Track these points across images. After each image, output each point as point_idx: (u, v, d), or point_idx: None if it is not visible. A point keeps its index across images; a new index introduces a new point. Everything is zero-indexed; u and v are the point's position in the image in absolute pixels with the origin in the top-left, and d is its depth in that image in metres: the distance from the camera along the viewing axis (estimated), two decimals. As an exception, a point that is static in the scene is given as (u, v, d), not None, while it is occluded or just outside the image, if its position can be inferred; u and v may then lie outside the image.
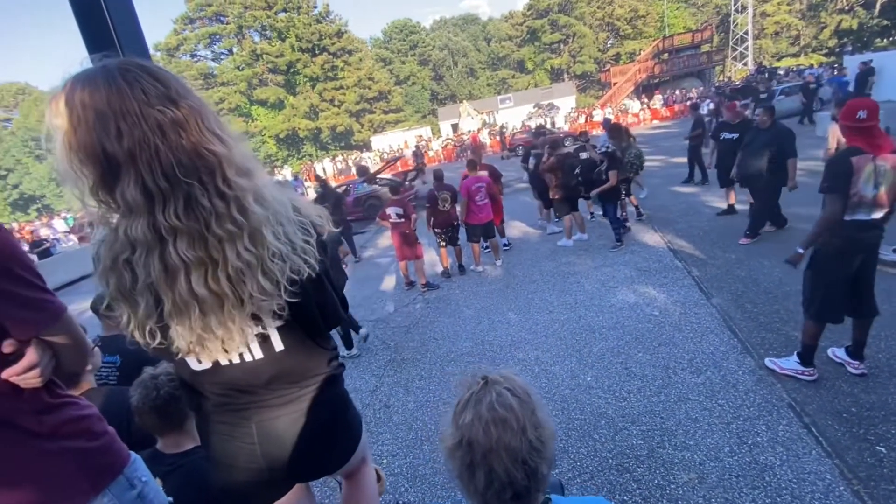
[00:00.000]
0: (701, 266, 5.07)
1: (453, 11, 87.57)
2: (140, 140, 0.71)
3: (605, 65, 46.79)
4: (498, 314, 4.93)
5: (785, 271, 4.36)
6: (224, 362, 0.92)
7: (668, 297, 4.50)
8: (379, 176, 13.50)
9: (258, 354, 0.94)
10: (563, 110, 31.82)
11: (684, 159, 9.44)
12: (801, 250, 2.86)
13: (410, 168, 16.28)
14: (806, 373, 2.97)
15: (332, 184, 13.52)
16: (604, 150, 6.52)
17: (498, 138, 25.38)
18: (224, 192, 0.78)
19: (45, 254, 13.50)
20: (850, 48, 35.72)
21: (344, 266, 4.39)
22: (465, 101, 35.49)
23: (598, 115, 25.23)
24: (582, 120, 26.77)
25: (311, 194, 13.01)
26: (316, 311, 0.98)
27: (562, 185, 6.47)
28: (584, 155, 7.02)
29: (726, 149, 6.22)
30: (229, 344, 0.87)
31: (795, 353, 3.05)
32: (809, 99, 13.83)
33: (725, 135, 6.33)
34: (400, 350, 4.59)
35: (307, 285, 0.91)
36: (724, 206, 6.79)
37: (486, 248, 6.77)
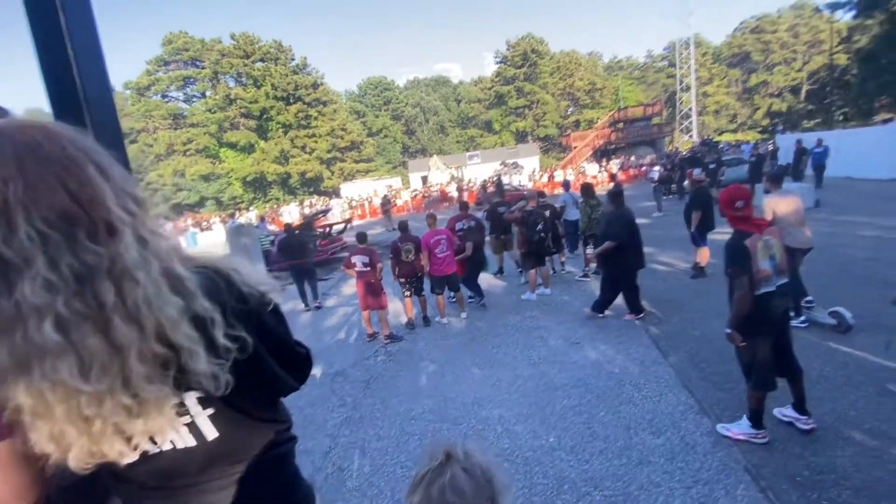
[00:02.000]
0: (658, 324, 5.23)
1: (426, 73, 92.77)
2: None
3: (566, 130, 50.16)
4: (461, 369, 4.83)
5: (735, 331, 4.56)
6: (153, 451, 0.79)
7: (627, 354, 4.57)
8: (313, 226, 13.99)
9: (189, 442, 0.80)
10: (527, 169, 33.47)
11: (642, 219, 9.91)
12: (729, 331, 3.04)
13: (340, 221, 16.87)
14: (758, 436, 3.05)
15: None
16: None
17: (457, 193, 26.22)
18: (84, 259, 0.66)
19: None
20: (781, 128, 40.02)
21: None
22: (435, 156, 36.76)
23: (559, 176, 26.69)
24: (545, 179, 28.16)
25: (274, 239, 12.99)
26: (256, 391, 0.86)
27: (526, 240, 6.66)
28: (547, 212, 7.33)
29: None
30: (145, 437, 0.74)
31: (745, 416, 3.14)
32: (757, 170, 14.96)
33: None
34: (357, 407, 4.36)
35: (239, 366, 0.77)
36: (683, 265, 7.16)
37: (453, 299, 6.75)
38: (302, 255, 8.42)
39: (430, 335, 6.02)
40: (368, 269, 5.84)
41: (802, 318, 4.58)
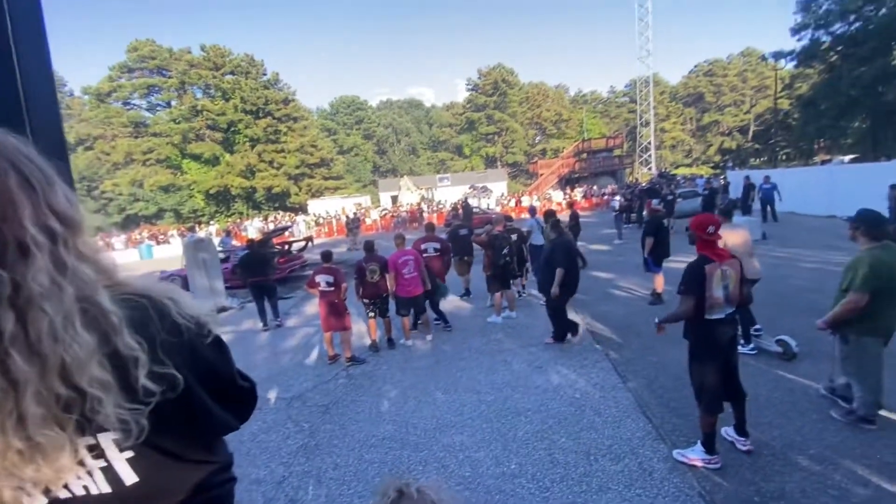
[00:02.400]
0: (617, 349, 5.34)
1: (399, 95, 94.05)
2: None
3: (534, 157, 51.80)
4: (424, 393, 4.74)
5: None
6: (64, 495, 0.70)
7: (588, 379, 4.63)
8: (270, 242, 13.74)
9: (104, 488, 0.71)
10: (496, 193, 34.16)
11: (603, 246, 10.31)
12: (657, 321, 3.36)
13: (299, 238, 16.74)
14: (711, 461, 3.13)
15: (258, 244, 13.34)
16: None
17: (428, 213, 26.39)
18: None
19: None
20: (731, 164, 42.85)
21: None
22: (405, 176, 36.95)
23: (526, 201, 27.38)
24: (512, 203, 28.78)
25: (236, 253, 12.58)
26: (186, 431, 0.77)
27: (492, 263, 6.73)
28: (513, 236, 7.46)
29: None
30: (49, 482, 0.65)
31: (699, 441, 3.23)
32: (710, 203, 15.82)
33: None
34: (315, 433, 4.18)
35: (165, 406, 0.70)
36: (643, 292, 7.44)
37: (420, 322, 6.68)
38: (263, 272, 8.14)
39: (393, 358, 5.90)
40: (332, 288, 5.71)
41: (752, 345, 4.80)
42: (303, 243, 15.30)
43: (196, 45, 43.33)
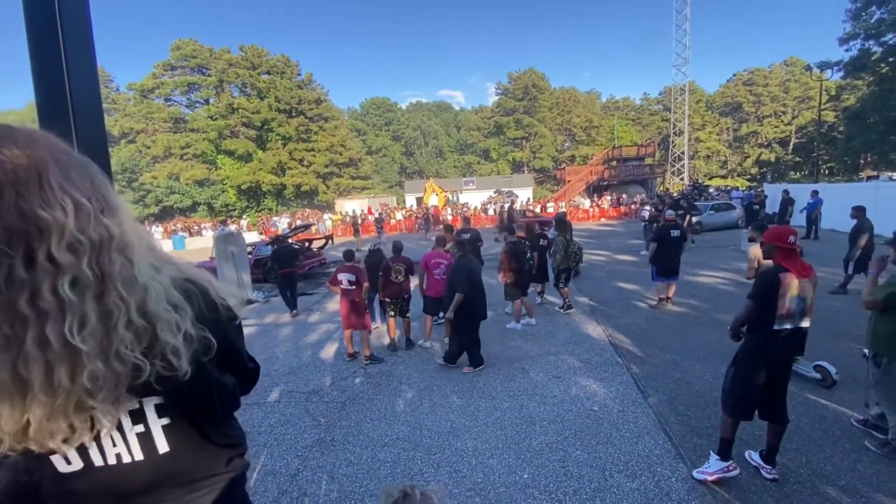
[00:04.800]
0: (639, 363, 5.21)
1: (429, 98, 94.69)
2: None
3: (561, 163, 51.19)
4: (440, 396, 4.74)
5: (715, 376, 4.57)
6: (98, 463, 0.79)
7: (607, 392, 4.54)
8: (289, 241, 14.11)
9: (137, 455, 0.81)
10: (522, 199, 33.89)
11: (628, 256, 10.09)
12: (730, 329, 3.16)
13: (321, 236, 17.04)
14: (728, 468, 3.06)
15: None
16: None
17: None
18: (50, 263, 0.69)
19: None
20: (769, 177, 41.24)
21: None
22: (431, 179, 37.10)
23: (551, 207, 27.05)
24: (538, 210, 28.49)
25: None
26: (213, 404, 0.87)
27: (515, 270, 6.68)
28: (541, 241, 7.45)
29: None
30: (65, 438, 0.74)
31: (713, 451, 3.14)
32: (751, 215, 15.35)
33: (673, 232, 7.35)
34: (331, 429, 4.24)
35: (195, 377, 0.80)
36: (667, 306, 7.35)
37: (439, 321, 6.69)
38: (292, 264, 9.06)
39: (411, 359, 5.93)
40: (354, 287, 5.78)
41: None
42: (323, 241, 15.59)
43: (235, 45, 44.80)
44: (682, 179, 41.47)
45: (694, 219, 16.51)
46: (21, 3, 1.08)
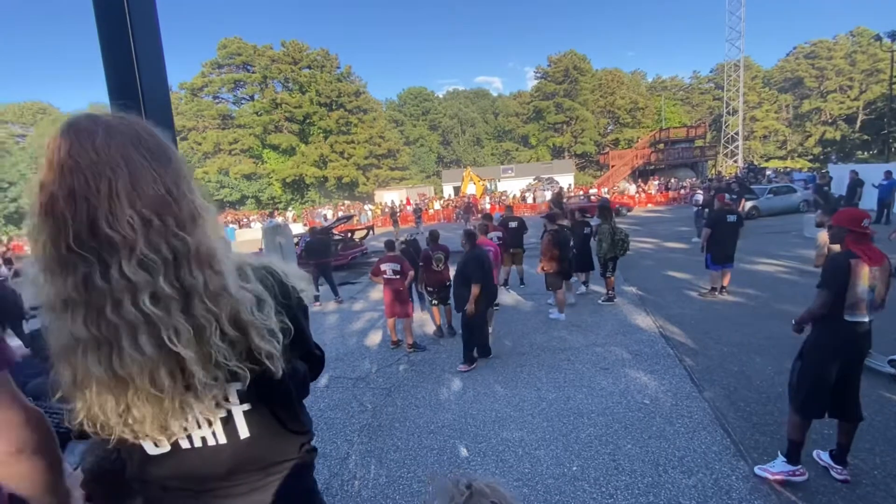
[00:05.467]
0: (693, 356, 4.98)
1: (467, 85, 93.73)
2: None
3: (605, 147, 49.46)
4: (484, 385, 4.74)
5: (777, 370, 4.30)
6: (185, 446, 0.83)
7: (659, 385, 4.37)
8: (332, 232, 14.47)
9: (221, 439, 0.84)
10: (562, 185, 33.05)
11: (678, 244, 9.64)
12: (795, 322, 2.97)
13: (362, 227, 17.34)
14: (796, 473, 2.87)
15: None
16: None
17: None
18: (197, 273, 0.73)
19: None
20: (834, 157, 37.97)
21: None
22: (468, 168, 36.86)
23: (594, 193, 26.21)
24: (580, 196, 27.70)
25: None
26: (290, 391, 0.89)
27: (558, 259, 6.54)
28: (585, 230, 7.27)
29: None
30: (194, 423, 0.79)
31: (780, 453, 2.94)
32: (825, 198, 13.92)
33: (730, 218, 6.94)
34: (377, 414, 4.34)
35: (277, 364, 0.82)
36: (721, 295, 7.02)
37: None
38: (325, 255, 9.44)
39: (453, 347, 5.96)
40: (398, 276, 5.85)
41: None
42: (364, 232, 15.92)
43: (277, 41, 46.04)
44: (735, 162, 39.00)
45: (749, 203, 15.51)
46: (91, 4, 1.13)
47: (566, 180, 37.22)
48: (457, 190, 36.22)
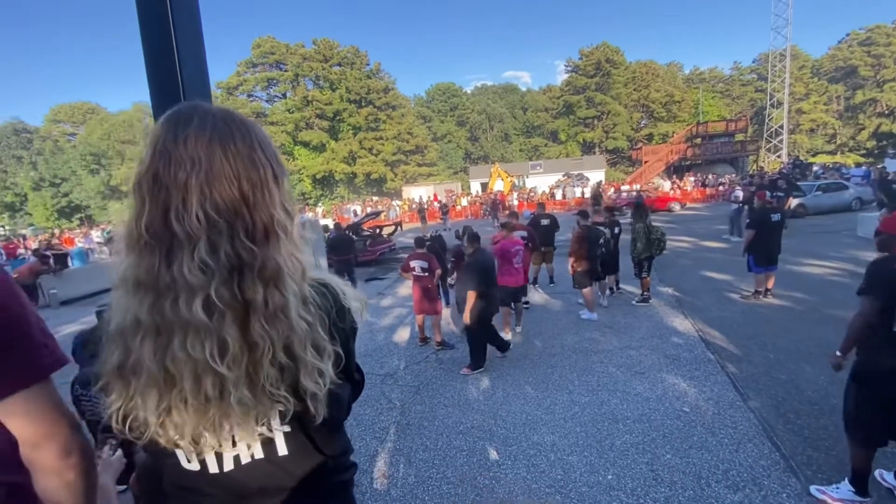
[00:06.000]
0: (737, 362, 4.72)
1: (495, 80, 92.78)
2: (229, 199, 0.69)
3: (637, 143, 47.98)
4: (514, 386, 4.64)
5: (830, 381, 4.02)
6: (213, 470, 0.79)
7: (699, 392, 4.16)
8: (361, 228, 14.62)
9: (258, 454, 0.81)
10: (592, 181, 32.28)
11: (716, 243, 9.23)
12: (839, 353, 2.68)
13: (390, 223, 17.37)
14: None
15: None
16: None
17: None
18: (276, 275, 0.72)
19: (64, 263, 13.24)
20: (891, 151, 35.48)
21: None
22: (496, 164, 36.49)
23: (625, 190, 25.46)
24: (611, 193, 26.99)
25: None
26: (334, 417, 0.84)
27: (587, 257, 6.35)
28: (615, 229, 7.03)
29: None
30: (230, 440, 0.75)
31: (847, 479, 2.71)
32: (890, 195, 12.64)
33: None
34: (406, 412, 4.32)
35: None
36: (765, 298, 6.69)
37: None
38: (347, 252, 9.45)
39: (482, 346, 5.88)
40: (426, 273, 5.81)
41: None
42: (392, 228, 16.02)
43: (308, 39, 46.87)
44: (779, 157, 37.08)
45: (795, 201, 14.69)
46: (135, 9, 1.12)
47: (597, 176, 36.33)
48: (484, 186, 35.94)
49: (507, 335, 6.01)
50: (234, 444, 0.77)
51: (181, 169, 0.67)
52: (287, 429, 0.80)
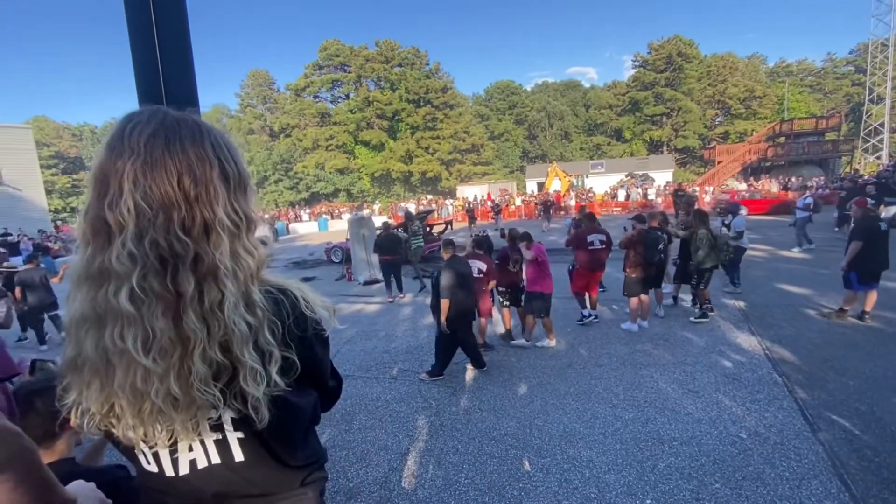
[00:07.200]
0: (808, 388, 4.24)
1: (558, 77, 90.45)
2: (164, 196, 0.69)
3: (711, 142, 44.80)
4: (553, 395, 4.49)
5: (925, 417, 3.49)
6: (168, 473, 0.80)
7: (760, 418, 3.78)
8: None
9: (215, 459, 0.80)
10: (659, 182, 30.52)
11: (796, 253, 8.36)
12: None
13: (441, 221, 17.26)
14: None
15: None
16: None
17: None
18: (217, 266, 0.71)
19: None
20: None
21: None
22: (554, 163, 35.53)
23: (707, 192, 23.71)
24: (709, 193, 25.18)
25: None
26: (287, 429, 0.82)
27: (643, 263, 5.99)
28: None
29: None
30: (171, 437, 0.76)
31: None
32: None
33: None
34: (440, 413, 4.31)
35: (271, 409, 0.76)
36: (847, 318, 5.94)
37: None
38: (394, 251, 9.27)
39: (524, 351, 5.74)
40: (482, 275, 5.72)
41: None
42: (442, 226, 16.09)
43: (371, 41, 48.32)
44: (877, 158, 32.97)
45: (893, 209, 12.99)
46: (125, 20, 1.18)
47: (664, 177, 34.29)
48: (540, 186, 35.13)
49: (551, 342, 5.84)
50: (175, 443, 0.77)
51: (120, 158, 0.68)
52: (240, 434, 0.79)
